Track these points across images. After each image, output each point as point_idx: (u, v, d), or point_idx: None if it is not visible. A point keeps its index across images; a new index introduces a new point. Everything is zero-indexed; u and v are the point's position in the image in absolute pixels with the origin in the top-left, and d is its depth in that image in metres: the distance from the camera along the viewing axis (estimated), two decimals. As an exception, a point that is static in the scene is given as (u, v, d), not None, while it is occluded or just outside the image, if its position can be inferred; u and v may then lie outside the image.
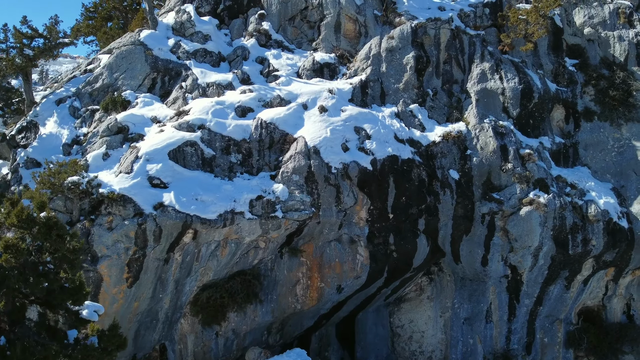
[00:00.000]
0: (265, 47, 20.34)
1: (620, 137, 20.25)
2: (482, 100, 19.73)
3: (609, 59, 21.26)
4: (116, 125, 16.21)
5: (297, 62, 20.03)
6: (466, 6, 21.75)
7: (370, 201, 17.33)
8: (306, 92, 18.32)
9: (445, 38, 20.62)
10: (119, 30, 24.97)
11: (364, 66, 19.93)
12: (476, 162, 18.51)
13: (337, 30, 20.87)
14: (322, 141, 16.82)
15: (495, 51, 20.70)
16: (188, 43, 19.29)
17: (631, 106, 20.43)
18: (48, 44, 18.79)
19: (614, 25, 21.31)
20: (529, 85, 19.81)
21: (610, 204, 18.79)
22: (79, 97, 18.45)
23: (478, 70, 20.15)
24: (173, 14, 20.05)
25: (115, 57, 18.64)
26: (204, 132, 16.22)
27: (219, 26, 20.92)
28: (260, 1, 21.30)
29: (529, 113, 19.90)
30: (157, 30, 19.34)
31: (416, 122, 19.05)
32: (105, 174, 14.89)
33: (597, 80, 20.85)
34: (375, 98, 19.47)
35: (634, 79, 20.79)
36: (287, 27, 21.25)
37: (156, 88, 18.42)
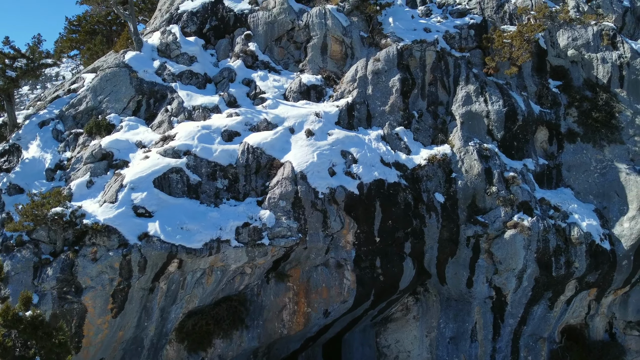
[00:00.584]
0: (251, 68, 20.29)
1: (603, 158, 20.56)
2: (467, 122, 19.92)
3: (592, 80, 21.56)
4: (100, 152, 16.03)
5: (284, 83, 20.01)
6: (452, 28, 21.95)
7: (357, 225, 17.37)
8: (293, 115, 18.32)
9: (431, 60, 20.77)
10: (103, 46, 24.72)
11: (351, 88, 19.99)
12: (461, 185, 18.66)
13: (324, 51, 20.90)
14: (309, 166, 16.83)
15: (480, 73, 20.90)
16: (174, 65, 19.16)
17: (614, 128, 20.75)
18: (31, 64, 18.49)
19: (598, 47, 21.60)
20: (513, 108, 20.05)
21: (592, 226, 19.07)
22: (63, 120, 18.21)
23: (463, 93, 20.33)
24: (158, 34, 19.90)
25: (100, 80, 18.43)
26: (190, 158, 16.12)
27: (205, 46, 20.82)
28: (246, 22, 21.23)
29: (513, 135, 20.13)
30: (142, 51, 19.17)
31: (402, 145, 19.15)
32: (90, 203, 14.71)
33: (581, 102, 21.14)
34: (361, 120, 19.54)
35: (617, 100, 21.12)
36: (273, 47, 21.23)
37: (141, 111, 18.26)
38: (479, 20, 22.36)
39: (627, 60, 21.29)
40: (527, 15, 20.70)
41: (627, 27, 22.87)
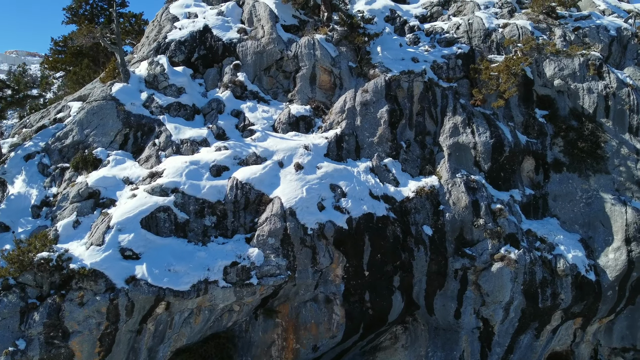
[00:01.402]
0: (240, 98, 20.25)
1: (589, 188, 20.81)
2: (454, 154, 20.07)
3: (578, 110, 21.81)
4: (87, 191, 15.88)
5: (273, 114, 19.99)
6: (439, 57, 22.07)
7: (346, 259, 17.40)
8: (282, 148, 18.31)
9: (419, 90, 20.90)
10: (90, 70, 24.51)
11: (339, 119, 20.03)
12: (449, 217, 18.77)
13: (313, 81, 20.93)
14: (298, 202, 16.81)
15: (467, 104, 21.05)
16: (161, 97, 19.04)
17: (599, 158, 21.01)
18: (16, 95, 18.28)
19: (584, 77, 21.85)
20: (500, 139, 20.23)
21: (578, 257, 19.28)
22: (49, 153, 18.00)
23: (450, 124, 20.47)
24: (146, 65, 19.75)
25: (86, 113, 18.26)
26: (178, 195, 16.02)
27: (194, 75, 20.71)
28: (235, 51, 21.17)
29: (500, 166, 20.30)
30: (129, 83, 19.03)
31: (390, 177, 19.22)
32: (76, 246, 14.55)
33: (567, 132, 21.38)
34: (350, 152, 19.58)
35: (602, 130, 21.39)
36: (262, 76, 21.20)
37: (128, 144, 18.12)
38: (467, 50, 22.51)
39: (613, 90, 21.57)
40: (514, 48, 20.87)
41: (613, 56, 23.13)
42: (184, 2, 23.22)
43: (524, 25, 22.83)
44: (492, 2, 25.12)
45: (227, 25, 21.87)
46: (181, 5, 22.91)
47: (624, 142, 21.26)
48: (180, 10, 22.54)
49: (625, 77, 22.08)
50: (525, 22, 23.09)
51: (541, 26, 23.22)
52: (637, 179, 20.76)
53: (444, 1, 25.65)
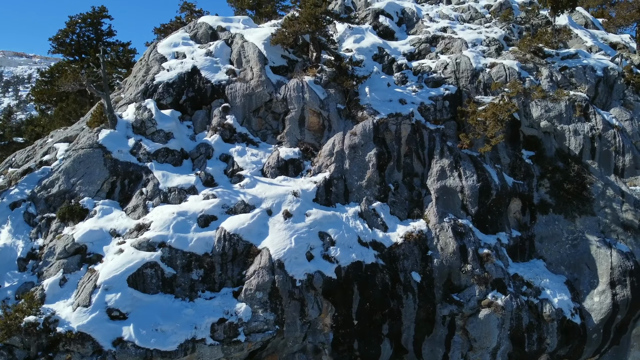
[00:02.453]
0: (229, 141, 20.21)
1: (574, 229, 21.02)
2: (442, 197, 20.18)
3: (564, 151, 22.03)
4: (73, 247, 15.76)
5: (262, 158, 19.98)
6: (426, 99, 22.21)
7: (335, 308, 17.40)
8: (271, 195, 18.30)
9: (406, 133, 21.01)
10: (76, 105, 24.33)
11: (328, 163, 20.07)
12: (437, 263, 18.86)
13: (302, 123, 20.95)
14: (286, 253, 16.81)
15: (455, 146, 21.20)
16: (149, 143, 18.94)
17: (585, 199, 21.24)
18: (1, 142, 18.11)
19: (570, 118, 22.08)
20: (487, 183, 20.38)
21: (564, 301, 19.46)
22: (34, 202, 17.83)
23: (437, 167, 20.59)
24: (133, 109, 19.64)
25: (73, 162, 18.11)
26: (165, 250, 15.95)
27: (182, 117, 20.64)
28: (223, 93, 21.13)
29: (487, 209, 20.45)
30: (116, 129, 18.91)
31: (379, 222, 19.28)
32: (63, 306, 14.44)
33: (553, 173, 21.59)
34: (339, 196, 19.62)
35: (588, 172, 21.62)
36: (251, 118, 21.18)
37: (115, 192, 18.00)
38: (454, 91, 22.68)
39: (599, 132, 21.83)
40: (501, 93, 21.04)
41: (599, 96, 23.38)
42: (171, 40, 23.14)
43: (511, 66, 23.04)
44: (480, 40, 25.32)
45: (216, 66, 21.82)
46: (169, 45, 22.82)
47: (610, 184, 21.51)
48: (168, 50, 22.46)
49: (611, 118, 22.35)
50: (512, 62, 23.30)
51: (528, 66, 23.44)
52: (622, 221, 21.01)
53: (432, 38, 25.77)
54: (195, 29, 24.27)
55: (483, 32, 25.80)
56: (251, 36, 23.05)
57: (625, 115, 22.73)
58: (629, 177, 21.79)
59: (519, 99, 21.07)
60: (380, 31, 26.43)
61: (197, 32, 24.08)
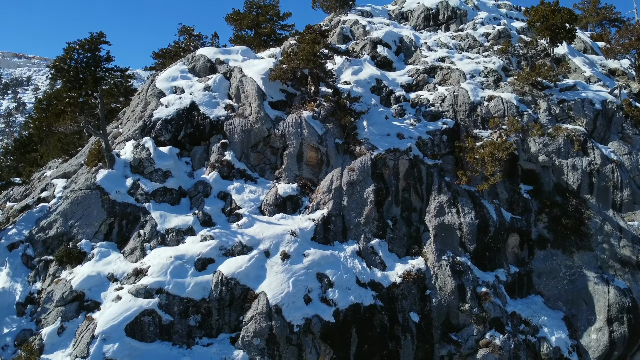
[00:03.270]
0: (227, 178, 20.21)
1: (572, 264, 21.01)
2: (440, 234, 20.18)
3: (562, 185, 22.04)
4: (71, 294, 15.75)
5: (260, 195, 19.97)
6: (424, 133, 22.22)
7: (333, 351, 17.31)
8: (268, 236, 18.28)
9: (404, 168, 21.02)
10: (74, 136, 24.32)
11: (326, 199, 20.06)
12: (435, 303, 18.85)
13: (300, 159, 20.95)
14: (284, 297, 16.77)
15: (453, 182, 21.20)
16: (147, 183, 18.93)
17: (583, 235, 21.23)
18: (0, 181, 18.10)
19: (568, 152, 22.08)
20: (485, 219, 20.38)
21: (561, 339, 19.44)
22: (32, 244, 17.82)
23: (436, 203, 20.59)
24: (131, 147, 19.63)
25: (70, 204, 18.10)
26: (162, 296, 15.92)
27: (180, 154, 20.63)
28: (222, 128, 21.12)
29: (485, 246, 20.44)
30: (114, 168, 18.90)
31: (377, 260, 19.27)
32: (61, 356, 14.45)
33: (551, 208, 21.58)
34: (337, 234, 19.61)
35: (586, 207, 21.62)
36: (250, 153, 21.17)
37: (113, 234, 17.99)
38: (452, 125, 22.70)
39: (597, 167, 21.84)
40: (499, 130, 21.05)
41: (598, 130, 23.37)
42: (170, 74, 23.14)
43: (509, 100, 23.05)
44: (478, 71, 25.32)
45: (214, 101, 21.81)
46: (167, 79, 22.82)
47: (608, 219, 21.51)
48: (166, 85, 22.45)
49: (609, 152, 22.36)
50: (510, 95, 23.31)
51: (526, 99, 23.45)
52: (619, 257, 21.01)
53: (430, 68, 25.79)
54: (194, 62, 24.28)
55: (481, 63, 25.78)
56: (250, 70, 23.05)
57: (623, 149, 22.74)
58: (627, 212, 21.80)
59: (517, 135, 21.08)
60: (379, 61, 26.45)
61: (196, 65, 24.09)
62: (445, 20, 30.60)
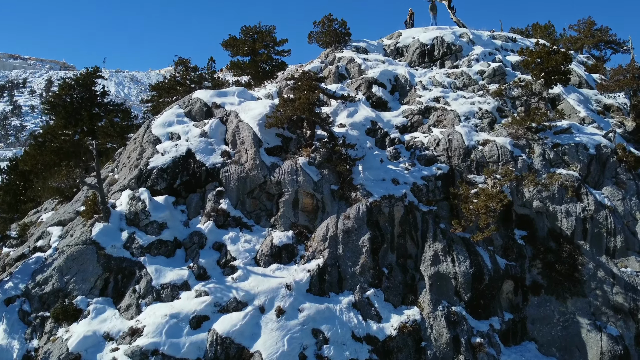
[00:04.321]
0: (223, 227, 20.28)
1: (566, 311, 21.15)
2: (435, 284, 20.29)
3: (556, 230, 22.18)
4: (68, 357, 15.77)
5: (256, 244, 20.04)
6: (419, 179, 22.33)
7: (328, 408, 17.48)
8: (263, 290, 18.34)
9: (399, 215, 21.14)
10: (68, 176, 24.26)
11: (322, 248, 20.16)
12: (430, 355, 18.91)
13: (295, 205, 21.04)
14: (279, 357, 16.74)
15: (448, 229, 21.32)
16: (142, 236, 18.99)
17: (576, 281, 21.37)
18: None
19: (562, 198, 22.24)
20: (479, 268, 20.51)
21: (554, 392, 19.64)
22: (29, 299, 17.85)
23: (431, 252, 20.71)
24: (127, 198, 19.67)
25: (66, 259, 18.14)
26: (158, 357, 15.89)
27: (176, 202, 20.66)
28: (218, 176, 21.18)
29: (480, 294, 20.55)
30: (109, 222, 18.96)
31: (373, 312, 19.36)
32: None
33: (545, 254, 21.73)
34: (332, 284, 19.69)
35: (580, 253, 21.77)
36: (245, 200, 21.23)
37: (109, 288, 18.04)
38: (446, 170, 22.83)
39: (590, 213, 22.00)
40: (493, 179, 21.17)
41: (592, 175, 23.50)
42: (165, 119, 23.17)
43: (503, 144, 23.18)
44: (473, 112, 25.44)
45: (211, 147, 21.87)
46: (163, 124, 22.86)
47: (601, 265, 21.66)
48: (162, 131, 22.49)
49: (603, 197, 22.52)
50: (504, 139, 23.43)
51: (521, 143, 23.57)
52: (612, 303, 21.17)
53: (425, 109, 25.88)
54: (190, 105, 24.32)
55: (476, 103, 25.90)
56: (246, 115, 23.12)
57: (617, 195, 22.89)
58: (620, 258, 21.97)
59: (512, 185, 21.24)
60: (374, 102, 26.56)
61: (192, 109, 24.13)
62: (440, 56, 30.69)
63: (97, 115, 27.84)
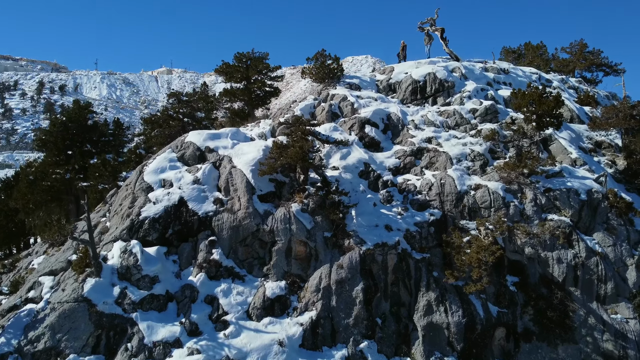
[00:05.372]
0: (215, 278, 20.21)
1: (557, 357, 21.28)
2: (428, 334, 20.34)
3: (548, 277, 22.33)
4: None
5: (248, 296, 19.97)
6: (412, 225, 22.38)
7: None
8: (256, 347, 18.27)
9: (392, 263, 21.20)
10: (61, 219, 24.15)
11: (315, 299, 20.13)
12: (423, 408, 19.04)
13: (288, 254, 21.02)
14: (271, 419, 16.86)
15: (440, 277, 21.38)
16: (134, 291, 18.87)
17: (567, 328, 21.51)
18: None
19: (554, 245, 22.40)
20: (472, 318, 20.58)
21: None
22: (22, 356, 17.61)
23: (424, 301, 20.77)
24: (119, 251, 19.53)
25: (58, 317, 17.98)
26: (151, 423, 15.93)
27: (168, 252, 20.55)
28: (210, 224, 21.11)
29: (473, 343, 20.61)
30: (101, 276, 18.82)
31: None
32: None
33: (537, 301, 21.86)
34: (325, 338, 19.66)
35: (571, 299, 21.92)
36: (238, 248, 21.15)
37: (101, 346, 17.89)
38: (439, 216, 22.90)
39: (582, 260, 22.17)
40: (485, 229, 21.25)
41: (583, 220, 23.65)
42: (158, 165, 23.03)
43: (495, 190, 23.28)
44: (465, 154, 25.52)
45: (203, 195, 21.79)
46: (155, 170, 22.72)
47: (592, 312, 21.82)
48: (155, 178, 22.36)
49: (594, 244, 22.69)
50: (496, 184, 23.52)
51: (512, 187, 23.68)
52: (602, 350, 21.32)
53: (417, 150, 25.93)
54: (183, 149, 24.19)
55: (468, 145, 25.98)
56: (239, 160, 23.05)
57: (608, 241, 23.06)
58: (611, 305, 22.15)
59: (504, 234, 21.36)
60: (366, 142, 26.57)
61: (185, 153, 24.00)
62: (432, 92, 30.74)
63: (89, 152, 27.67)
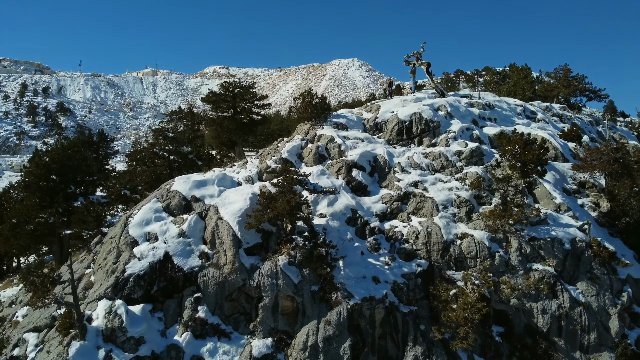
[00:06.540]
0: (201, 337, 20.00)
1: (541, 409, 21.50)
2: (416, 391, 20.41)
3: (532, 326, 22.56)
4: None
5: (235, 355, 19.75)
6: (399, 276, 22.43)
7: None
8: (243, 411, 18.20)
9: (380, 317, 21.20)
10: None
11: (302, 357, 20.02)
12: None
13: (275, 310, 20.90)
14: None
15: (428, 330, 21.45)
16: (120, 354, 18.55)
17: (551, 378, 21.75)
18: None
19: (538, 296, 22.65)
20: (458, 373, 20.70)
21: None
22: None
23: (411, 356, 20.80)
24: (103, 311, 19.23)
25: (41, 385, 17.77)
26: None
27: (153, 308, 20.33)
28: (196, 280, 20.91)
29: (459, 398, 20.77)
30: (86, 339, 18.50)
31: None
32: None
33: (522, 351, 22.04)
34: (312, 399, 19.62)
35: (555, 349, 22.16)
36: (224, 303, 20.97)
37: (85, 415, 17.68)
38: (426, 267, 23.01)
39: (566, 310, 22.43)
40: (471, 284, 21.38)
41: (567, 270, 23.93)
42: (143, 217, 22.74)
43: (481, 240, 23.47)
44: (451, 200, 25.66)
45: (189, 249, 21.59)
46: (140, 223, 22.44)
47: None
48: (140, 231, 22.09)
49: (578, 293, 22.98)
50: (482, 233, 23.72)
51: (498, 236, 23.89)
52: (587, 401, 21.61)
53: (403, 195, 25.99)
54: (169, 199, 23.93)
55: (454, 189, 26.11)
56: (225, 210, 22.91)
57: (591, 291, 23.35)
58: (594, 354, 22.43)
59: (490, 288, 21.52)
60: (354, 186, 26.54)
61: (170, 203, 23.75)
62: (418, 133, 30.82)
63: (73, 194, 27.28)
